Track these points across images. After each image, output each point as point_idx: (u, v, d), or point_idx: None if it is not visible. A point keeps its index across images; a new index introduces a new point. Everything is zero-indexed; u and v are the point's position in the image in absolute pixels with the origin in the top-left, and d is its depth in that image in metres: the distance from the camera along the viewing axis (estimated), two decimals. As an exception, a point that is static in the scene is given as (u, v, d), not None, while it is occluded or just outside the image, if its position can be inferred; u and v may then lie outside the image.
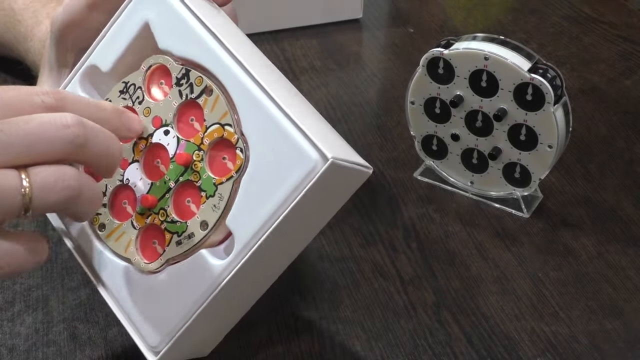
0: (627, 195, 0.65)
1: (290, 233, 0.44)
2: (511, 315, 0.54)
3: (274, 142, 0.43)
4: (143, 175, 0.47)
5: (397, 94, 0.76)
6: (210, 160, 0.45)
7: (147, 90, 0.48)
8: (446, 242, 0.60)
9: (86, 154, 0.39)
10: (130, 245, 0.47)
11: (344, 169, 0.42)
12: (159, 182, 0.47)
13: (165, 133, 0.47)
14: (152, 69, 0.48)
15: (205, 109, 0.46)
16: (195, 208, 0.45)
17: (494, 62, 0.58)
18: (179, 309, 0.45)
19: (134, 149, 0.48)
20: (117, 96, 0.49)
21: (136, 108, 0.48)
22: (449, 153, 0.64)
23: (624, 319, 0.54)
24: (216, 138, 0.45)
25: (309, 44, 0.85)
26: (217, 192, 0.44)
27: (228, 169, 0.45)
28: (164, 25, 0.48)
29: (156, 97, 0.48)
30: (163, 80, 0.48)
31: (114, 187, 0.48)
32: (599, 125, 0.73)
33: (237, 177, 0.44)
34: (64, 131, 0.38)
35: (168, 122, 0.47)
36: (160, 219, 0.46)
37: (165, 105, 0.47)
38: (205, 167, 0.45)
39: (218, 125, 0.45)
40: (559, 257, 0.59)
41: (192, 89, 0.46)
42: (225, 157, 0.45)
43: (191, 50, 0.47)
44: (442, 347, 0.52)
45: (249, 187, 0.44)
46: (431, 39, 0.85)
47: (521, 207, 0.62)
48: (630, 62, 0.82)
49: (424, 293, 0.56)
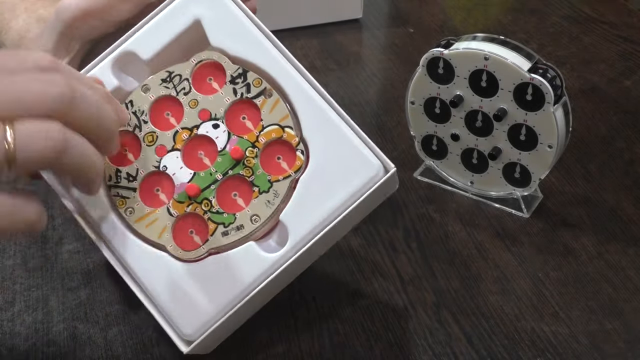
0: (627, 195, 0.65)
1: (338, 231, 0.47)
2: (511, 315, 0.54)
3: (337, 148, 0.47)
4: (184, 165, 0.48)
5: (397, 94, 0.76)
6: (264, 158, 0.48)
7: (193, 83, 0.49)
8: (446, 242, 0.60)
9: (74, 114, 0.38)
10: (165, 232, 0.47)
11: (394, 178, 0.47)
12: (203, 173, 0.48)
13: (214, 127, 0.48)
14: (202, 63, 0.49)
15: (263, 109, 0.48)
16: (243, 202, 0.47)
17: (494, 62, 0.58)
18: (221, 298, 0.46)
19: (175, 138, 0.48)
20: (159, 84, 0.50)
21: (180, 98, 0.49)
22: (449, 153, 0.64)
23: (624, 319, 0.54)
24: (274, 138, 0.47)
25: (309, 44, 0.85)
26: (272, 188, 0.47)
27: (283, 168, 0.47)
28: (219, 24, 0.50)
29: (204, 91, 0.49)
30: (212, 77, 0.49)
31: (147, 173, 0.48)
32: (599, 125, 0.73)
33: (295, 176, 0.47)
34: (51, 87, 0.38)
35: (218, 117, 0.48)
36: (203, 209, 0.47)
37: (216, 100, 0.49)
38: (259, 164, 0.47)
39: (277, 126, 0.47)
40: (559, 257, 0.59)
41: (249, 89, 0.48)
42: (280, 157, 0.47)
43: (249, 52, 0.49)
44: (442, 347, 0.52)
45: (307, 187, 0.47)
46: (431, 39, 0.85)
47: (521, 207, 0.63)
48: (630, 62, 0.82)
49: (424, 293, 0.56)
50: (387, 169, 0.47)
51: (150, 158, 0.48)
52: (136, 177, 0.48)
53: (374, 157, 0.47)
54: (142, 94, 0.50)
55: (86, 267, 0.59)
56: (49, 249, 0.60)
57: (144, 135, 0.49)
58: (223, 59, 0.49)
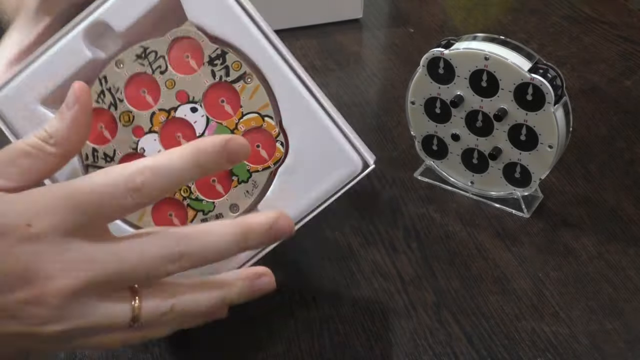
0: (627, 195, 0.65)
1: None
2: (511, 315, 0.54)
3: (316, 141, 0.46)
4: (161, 148, 0.47)
5: (397, 94, 0.76)
6: None
7: (169, 61, 0.47)
8: (446, 242, 0.60)
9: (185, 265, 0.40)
10: (145, 215, 0.47)
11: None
12: None
13: (192, 110, 0.47)
14: (178, 40, 0.47)
15: (242, 95, 0.46)
16: (222, 189, 0.47)
17: (494, 62, 0.58)
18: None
19: (152, 119, 0.47)
20: (133, 60, 0.47)
21: (157, 77, 0.47)
22: (449, 153, 0.64)
23: (624, 319, 0.54)
24: (254, 127, 0.46)
25: (309, 44, 0.85)
26: (250, 179, 0.46)
27: (262, 157, 0.46)
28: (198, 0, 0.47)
29: (181, 71, 0.47)
30: (189, 54, 0.47)
31: (125, 154, 0.47)
32: (599, 125, 0.73)
33: (274, 168, 0.46)
34: (168, 262, 0.39)
35: (196, 100, 0.47)
36: (182, 195, 0.47)
37: (194, 81, 0.47)
38: None
39: (256, 114, 0.46)
40: (559, 257, 0.59)
41: (228, 72, 0.47)
42: (259, 145, 0.46)
43: (230, 32, 0.47)
44: (443, 347, 0.52)
45: (287, 179, 0.47)
46: (431, 39, 0.85)
47: (521, 207, 0.63)
48: (630, 62, 0.82)
49: (424, 293, 0.56)
50: (367, 164, 0.47)
51: (127, 139, 0.47)
52: (113, 157, 0.47)
53: (354, 152, 0.46)
54: (116, 69, 0.47)
55: (86, 267, 0.58)
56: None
57: (120, 114, 0.47)
58: (201, 37, 0.47)
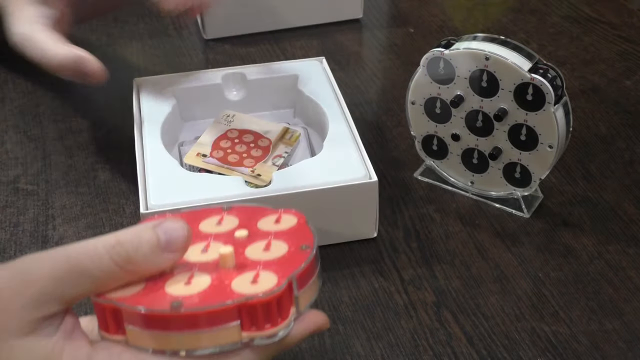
0: (627, 195, 0.65)
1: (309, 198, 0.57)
2: (511, 315, 0.54)
3: (341, 154, 0.59)
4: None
5: (397, 94, 0.76)
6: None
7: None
8: (446, 242, 0.60)
9: None
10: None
11: (373, 187, 0.59)
12: None
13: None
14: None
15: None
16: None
17: (494, 62, 0.58)
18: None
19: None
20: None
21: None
22: (449, 153, 0.64)
23: (624, 319, 0.54)
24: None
25: (309, 44, 0.85)
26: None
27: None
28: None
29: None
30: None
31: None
32: (599, 125, 0.73)
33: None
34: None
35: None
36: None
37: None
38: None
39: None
40: (559, 257, 0.59)
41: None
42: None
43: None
44: (443, 347, 0.52)
45: (306, 167, 0.59)
46: (431, 39, 0.85)
47: (521, 207, 0.63)
48: (630, 62, 0.82)
49: (424, 293, 0.56)
50: (371, 178, 0.58)
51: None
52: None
53: (364, 167, 0.59)
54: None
55: (86, 267, 0.59)
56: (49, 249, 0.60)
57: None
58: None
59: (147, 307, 0.38)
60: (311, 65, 0.70)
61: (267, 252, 0.41)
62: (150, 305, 0.38)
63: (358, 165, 0.59)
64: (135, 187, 0.59)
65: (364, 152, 0.60)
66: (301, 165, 0.59)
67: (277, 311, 0.39)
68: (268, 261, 0.41)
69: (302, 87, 0.68)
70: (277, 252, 0.41)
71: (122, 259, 0.38)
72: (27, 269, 0.39)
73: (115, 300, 0.39)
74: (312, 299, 0.41)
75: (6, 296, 0.38)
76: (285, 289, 0.39)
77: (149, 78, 0.69)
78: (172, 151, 0.63)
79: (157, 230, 0.39)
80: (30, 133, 0.72)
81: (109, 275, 0.39)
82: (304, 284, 0.40)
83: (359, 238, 0.60)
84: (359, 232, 0.60)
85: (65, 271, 0.38)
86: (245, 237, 0.43)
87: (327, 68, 0.70)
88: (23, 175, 0.67)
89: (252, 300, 0.38)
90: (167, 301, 0.38)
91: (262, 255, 0.41)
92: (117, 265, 0.38)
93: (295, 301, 0.40)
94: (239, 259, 0.41)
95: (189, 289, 0.39)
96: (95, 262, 0.38)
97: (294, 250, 0.41)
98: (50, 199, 0.65)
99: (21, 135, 0.72)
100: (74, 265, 0.38)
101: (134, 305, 0.38)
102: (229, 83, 0.69)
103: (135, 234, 0.39)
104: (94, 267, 0.38)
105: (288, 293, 0.39)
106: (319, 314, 0.42)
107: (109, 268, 0.38)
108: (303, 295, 0.40)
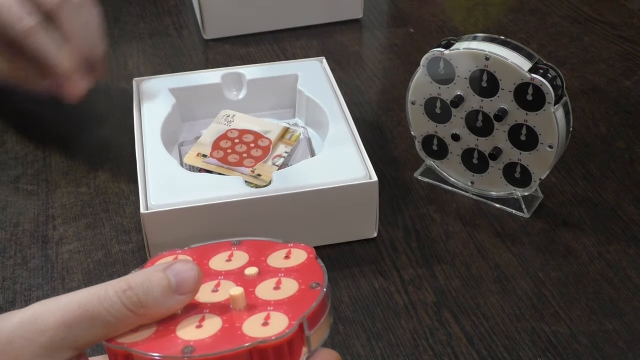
0: (627, 195, 0.65)
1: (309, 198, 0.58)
2: (511, 315, 0.54)
3: (343, 154, 0.60)
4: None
5: (397, 94, 0.76)
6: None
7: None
8: (446, 242, 0.60)
9: None
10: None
11: (373, 187, 0.59)
12: None
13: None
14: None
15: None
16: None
17: (494, 62, 0.58)
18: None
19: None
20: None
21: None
22: (449, 153, 0.64)
23: (624, 319, 0.54)
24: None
25: (309, 44, 0.85)
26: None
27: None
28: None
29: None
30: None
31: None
32: (599, 125, 0.73)
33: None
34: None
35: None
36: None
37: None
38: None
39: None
40: (559, 257, 0.59)
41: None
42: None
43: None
44: (443, 347, 0.52)
45: (307, 166, 0.59)
46: (431, 39, 0.85)
47: (521, 207, 0.63)
48: (630, 62, 0.82)
49: (425, 293, 0.56)
50: (371, 178, 0.58)
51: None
52: None
53: (364, 167, 0.59)
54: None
55: (86, 267, 0.59)
56: (49, 249, 0.60)
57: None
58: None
59: (159, 354, 0.38)
60: (311, 65, 0.70)
61: (277, 291, 0.41)
62: (162, 351, 0.38)
63: (358, 165, 0.59)
64: (135, 187, 0.59)
65: (364, 152, 0.60)
66: (301, 165, 0.59)
67: (289, 353, 0.39)
68: (278, 301, 0.40)
69: (302, 87, 0.68)
70: (288, 291, 0.41)
71: (133, 303, 0.38)
72: (38, 316, 0.38)
73: (127, 346, 0.39)
74: (324, 336, 0.41)
75: (18, 346, 0.38)
76: (297, 331, 0.39)
77: (149, 78, 0.69)
78: (172, 151, 0.63)
79: (167, 272, 0.39)
80: (30, 133, 0.72)
81: (121, 319, 0.39)
82: (315, 323, 0.40)
83: (359, 238, 0.60)
84: (359, 232, 0.60)
85: (77, 317, 0.38)
86: (256, 274, 0.43)
87: (327, 68, 0.70)
88: (23, 175, 0.67)
89: (264, 344, 0.38)
90: (179, 346, 0.38)
91: (273, 295, 0.41)
92: (129, 310, 0.38)
93: (306, 341, 0.40)
94: (249, 299, 0.41)
95: (200, 332, 0.39)
96: (107, 308, 0.38)
97: (305, 289, 0.41)
98: (50, 199, 0.65)
99: (21, 135, 0.72)
100: (85, 311, 0.38)
101: (147, 351, 0.38)
102: (228, 83, 0.69)
103: (146, 278, 0.39)
104: (106, 312, 0.38)
105: (299, 334, 0.39)
106: (331, 353, 0.41)
107: (121, 313, 0.38)
108: (314, 335, 0.40)
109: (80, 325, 0.38)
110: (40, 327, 0.38)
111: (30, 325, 0.38)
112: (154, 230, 0.56)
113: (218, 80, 0.68)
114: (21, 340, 0.38)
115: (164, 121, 0.64)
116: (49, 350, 0.38)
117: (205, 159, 0.62)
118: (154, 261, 0.43)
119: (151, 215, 0.55)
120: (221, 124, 0.65)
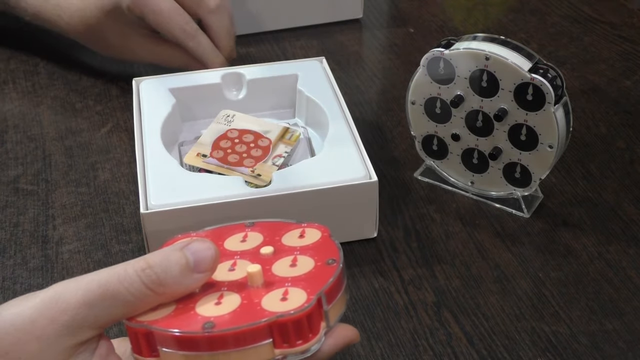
0: (627, 195, 0.65)
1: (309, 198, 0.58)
2: (511, 315, 0.54)
3: (343, 154, 0.59)
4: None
5: (397, 94, 0.76)
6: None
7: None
8: (446, 242, 0.60)
9: None
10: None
11: (373, 186, 0.58)
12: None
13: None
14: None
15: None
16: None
17: (494, 62, 0.58)
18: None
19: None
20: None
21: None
22: (449, 153, 0.64)
23: (624, 319, 0.54)
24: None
25: (309, 44, 0.85)
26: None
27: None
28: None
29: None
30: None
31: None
32: (599, 125, 0.73)
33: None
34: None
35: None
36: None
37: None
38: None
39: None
40: (559, 257, 0.59)
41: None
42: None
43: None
44: (443, 347, 0.52)
45: (307, 165, 0.59)
46: (431, 39, 0.85)
47: (521, 207, 0.63)
48: (630, 62, 0.82)
49: (425, 293, 0.56)
50: (371, 178, 0.58)
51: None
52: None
53: (364, 167, 0.59)
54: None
55: (86, 267, 0.59)
56: (49, 249, 0.60)
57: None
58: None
59: (180, 330, 0.38)
60: (311, 65, 0.70)
61: (294, 268, 0.42)
62: (183, 327, 0.38)
63: (358, 165, 0.59)
64: (135, 187, 0.59)
65: (364, 152, 0.60)
66: (301, 165, 0.59)
67: (308, 327, 0.39)
68: (296, 277, 0.41)
69: (302, 87, 0.68)
70: (304, 267, 0.41)
71: (153, 281, 0.39)
72: (60, 296, 0.39)
73: (147, 324, 0.39)
74: (341, 312, 0.41)
75: (41, 325, 0.38)
76: (315, 305, 0.39)
77: (149, 78, 0.69)
78: (172, 151, 0.63)
79: (185, 251, 0.40)
80: (30, 133, 0.72)
81: (141, 298, 0.39)
82: (332, 298, 0.40)
83: (359, 238, 0.60)
84: (359, 232, 0.60)
85: (98, 296, 0.39)
86: (271, 253, 0.43)
87: (327, 68, 0.70)
88: (23, 175, 0.67)
89: (284, 318, 0.38)
90: (199, 322, 0.38)
91: (289, 272, 0.41)
92: (149, 288, 0.39)
93: (325, 316, 0.40)
94: (266, 276, 0.41)
95: (219, 309, 0.39)
96: (127, 286, 0.39)
97: (321, 265, 0.41)
98: (50, 199, 0.65)
99: (21, 135, 0.72)
100: (106, 290, 0.39)
101: (167, 328, 0.39)
102: (228, 83, 0.69)
103: (164, 257, 0.40)
104: (126, 291, 0.39)
105: (318, 309, 0.39)
106: (350, 328, 0.42)
107: (141, 291, 0.39)
108: (332, 310, 0.40)
109: (101, 304, 0.39)
110: (62, 306, 0.39)
111: (52, 305, 0.39)
112: (154, 230, 0.56)
113: (218, 80, 0.68)
114: (44, 320, 0.38)
115: (164, 121, 0.64)
116: (71, 329, 0.39)
117: (205, 159, 0.62)
118: (170, 243, 0.43)
119: (151, 215, 0.55)
120: (221, 124, 0.65)
